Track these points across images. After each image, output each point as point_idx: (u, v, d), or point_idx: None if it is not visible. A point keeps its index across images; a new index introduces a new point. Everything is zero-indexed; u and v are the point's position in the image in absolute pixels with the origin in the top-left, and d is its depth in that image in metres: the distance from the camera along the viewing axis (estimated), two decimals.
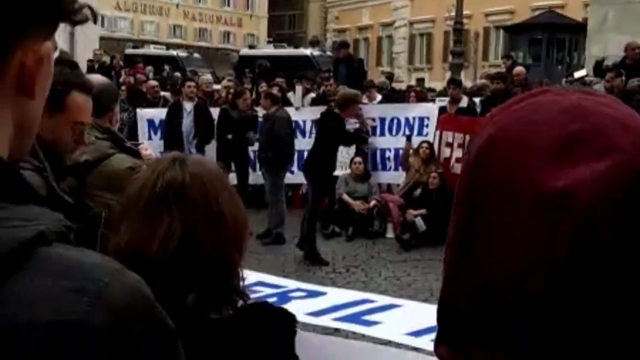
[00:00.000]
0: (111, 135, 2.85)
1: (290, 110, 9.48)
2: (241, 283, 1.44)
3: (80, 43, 19.46)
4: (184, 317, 1.32)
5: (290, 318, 1.39)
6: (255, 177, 9.44)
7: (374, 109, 10.48)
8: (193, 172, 1.44)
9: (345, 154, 9.41)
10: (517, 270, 0.66)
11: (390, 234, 8.79)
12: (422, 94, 11.73)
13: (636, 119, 0.69)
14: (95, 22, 0.79)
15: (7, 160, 0.71)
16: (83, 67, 14.67)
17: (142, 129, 10.12)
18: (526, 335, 0.67)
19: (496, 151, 0.69)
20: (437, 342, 0.75)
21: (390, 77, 16.64)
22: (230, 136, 8.78)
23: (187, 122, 9.23)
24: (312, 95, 11.44)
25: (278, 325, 1.37)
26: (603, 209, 0.63)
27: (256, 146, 9.12)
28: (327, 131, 7.61)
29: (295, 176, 10.07)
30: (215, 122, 9.07)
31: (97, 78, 3.11)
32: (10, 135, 0.72)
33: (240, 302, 1.44)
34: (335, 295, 6.51)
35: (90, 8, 0.77)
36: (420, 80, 34.52)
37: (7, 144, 0.72)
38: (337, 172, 8.72)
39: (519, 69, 12.05)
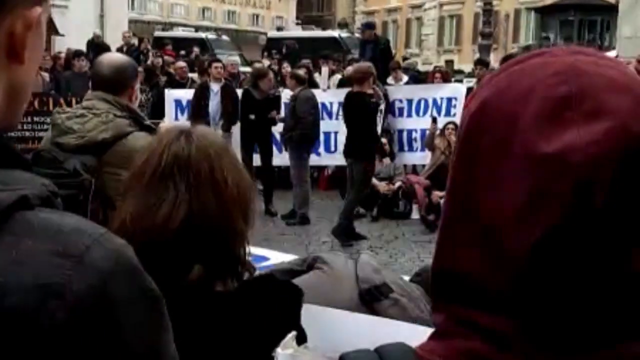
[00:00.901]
0: (130, 113, 2.85)
1: (316, 92, 9.46)
2: (247, 256, 1.45)
3: (110, 25, 19.65)
4: (188, 289, 1.34)
5: (296, 291, 1.39)
6: (281, 158, 9.44)
7: (400, 90, 10.41)
8: (198, 144, 1.44)
9: None
10: (509, 230, 0.65)
11: (415, 215, 8.76)
12: (447, 75, 11.61)
13: (636, 81, 0.67)
14: None
15: None
16: (113, 49, 14.81)
17: (169, 108, 10.21)
18: (511, 295, 0.66)
19: (490, 114, 0.69)
20: (434, 300, 0.75)
21: (405, 59, 16.44)
22: (253, 116, 8.79)
23: (214, 103, 9.26)
24: (339, 76, 11.38)
25: (283, 298, 1.38)
26: (596, 173, 0.62)
27: (280, 127, 9.12)
28: (355, 111, 7.56)
29: (321, 158, 10.07)
30: (239, 103, 9.08)
31: (115, 56, 3.12)
32: (1, 103, 0.72)
33: (247, 275, 1.45)
34: None
35: None
36: (450, 62, 34.15)
37: None
38: None
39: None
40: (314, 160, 9.80)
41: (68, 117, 2.81)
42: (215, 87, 9.27)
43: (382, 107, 9.61)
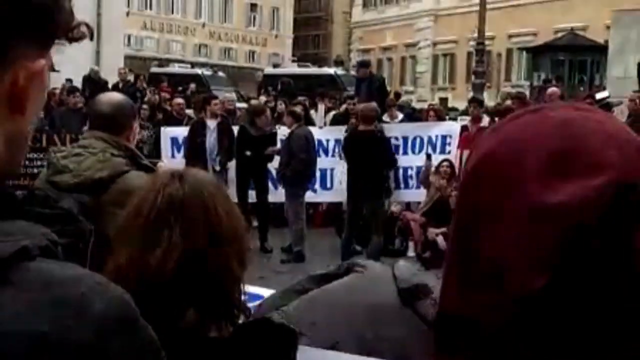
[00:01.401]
0: (128, 152, 2.85)
1: (313, 129, 9.53)
2: (242, 297, 1.45)
3: (106, 61, 19.77)
4: (183, 334, 1.33)
5: (292, 333, 1.39)
6: (276, 195, 9.46)
7: (396, 128, 10.48)
8: (192, 186, 1.44)
9: None
10: (510, 281, 0.68)
11: (411, 253, 8.74)
12: (441, 112, 11.71)
13: (627, 133, 0.71)
14: (91, 39, 0.80)
15: None
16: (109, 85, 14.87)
17: (165, 146, 10.22)
18: (516, 341, 0.68)
19: (492, 166, 0.71)
20: (437, 351, 0.76)
21: (398, 95, 16.57)
22: (249, 153, 8.82)
23: (211, 140, 9.28)
24: (334, 112, 11.46)
25: (278, 342, 1.37)
26: (594, 222, 0.65)
27: (276, 163, 9.15)
28: (371, 152, 7.55)
29: (317, 195, 10.07)
30: (235, 140, 9.12)
31: (113, 96, 3.12)
32: (0, 151, 0.72)
33: (242, 318, 1.44)
34: None
35: (87, 25, 0.77)
36: (444, 100, 34.45)
37: None
38: None
39: (552, 89, 11.97)
40: (309, 197, 9.80)
41: (64, 155, 2.81)
42: (212, 124, 9.32)
43: None
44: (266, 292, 7.03)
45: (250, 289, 5.66)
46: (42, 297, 0.64)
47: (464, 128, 10.00)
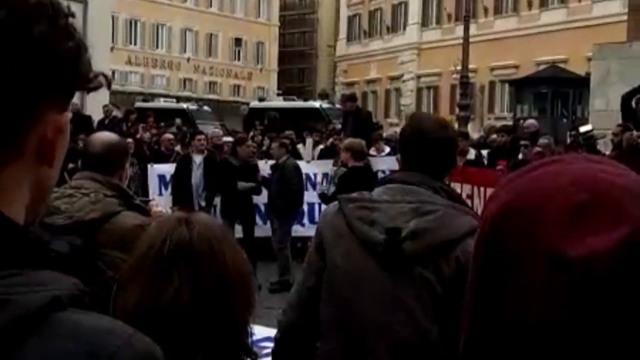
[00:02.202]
0: (120, 193, 2.84)
1: (300, 163, 9.56)
2: (249, 339, 1.45)
3: (90, 97, 19.76)
4: None
5: None
6: (264, 229, 9.44)
7: (383, 161, 10.52)
8: (200, 231, 1.45)
9: None
10: (533, 334, 0.69)
11: None
12: None
13: None
14: (109, 88, 0.83)
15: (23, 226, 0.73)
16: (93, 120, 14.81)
17: (153, 184, 10.10)
18: None
19: (512, 218, 0.73)
20: None
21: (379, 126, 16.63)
22: (243, 184, 8.77)
23: (197, 175, 9.26)
24: (321, 146, 11.51)
25: None
26: (619, 276, 0.67)
27: (263, 198, 9.16)
28: (366, 188, 7.48)
29: (305, 229, 10.05)
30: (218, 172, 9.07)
31: (106, 136, 3.10)
32: (26, 202, 0.74)
33: None
34: None
35: (105, 76, 0.80)
36: None
37: (24, 211, 0.74)
38: None
39: (530, 121, 12.10)
40: (298, 231, 9.79)
41: (56, 197, 2.77)
42: (197, 159, 9.32)
43: None
44: (257, 329, 6.95)
45: None
46: (75, 348, 0.65)
47: None
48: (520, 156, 9.07)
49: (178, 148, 11.15)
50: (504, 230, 0.73)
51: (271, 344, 6.76)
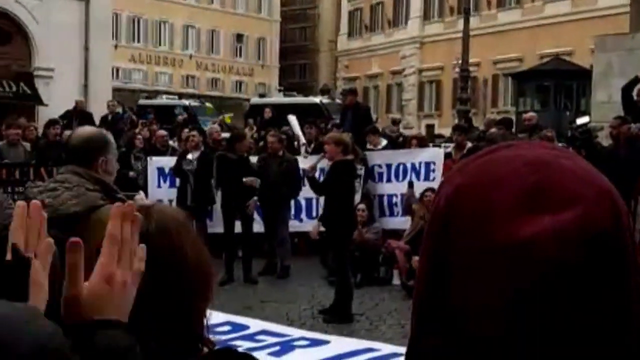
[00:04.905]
0: (102, 186, 2.87)
1: (299, 158, 9.60)
2: (205, 329, 1.45)
3: (94, 95, 19.82)
4: None
5: None
6: (260, 225, 9.48)
7: (379, 155, 10.52)
8: (158, 221, 1.43)
9: None
10: (481, 315, 0.69)
11: (396, 281, 8.73)
12: (423, 140, 11.78)
13: (595, 173, 0.73)
14: None
15: None
16: (97, 118, 14.88)
17: (152, 176, 10.32)
18: None
19: (463, 201, 0.73)
20: None
21: (396, 122, 16.70)
22: (250, 179, 8.81)
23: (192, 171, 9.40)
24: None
25: None
26: (565, 256, 0.67)
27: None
28: (342, 179, 7.44)
29: (303, 224, 10.08)
30: (215, 167, 9.10)
31: (84, 129, 3.14)
32: None
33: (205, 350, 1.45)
34: (339, 343, 6.41)
35: None
36: (430, 127, 34.71)
37: None
38: None
39: (530, 114, 12.07)
40: (295, 226, 9.82)
41: (40, 190, 2.82)
42: (192, 156, 9.40)
43: (362, 172, 9.70)
44: (252, 322, 6.85)
45: (237, 319, 5.59)
46: None
47: (447, 155, 10.04)
48: None
49: (174, 144, 11.18)
50: (455, 212, 0.73)
51: (267, 337, 6.72)
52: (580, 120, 9.56)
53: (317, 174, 8.48)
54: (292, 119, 11.87)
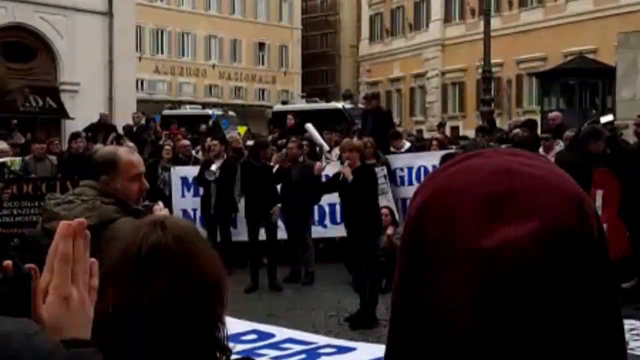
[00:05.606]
0: (117, 200, 2.92)
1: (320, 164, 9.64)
2: (223, 336, 1.48)
3: (119, 107, 20.08)
4: None
5: None
6: (284, 232, 9.51)
7: (400, 159, 10.50)
8: (175, 234, 1.50)
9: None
10: (452, 320, 0.70)
11: None
12: (444, 142, 11.73)
13: (564, 179, 0.73)
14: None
15: None
16: (120, 130, 15.06)
17: (176, 186, 10.42)
18: None
19: (433, 210, 0.74)
20: None
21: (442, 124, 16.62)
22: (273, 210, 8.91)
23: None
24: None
25: None
26: (528, 267, 0.67)
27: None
28: (366, 184, 7.45)
29: (327, 230, 10.08)
30: (239, 174, 9.14)
31: (105, 148, 3.23)
32: None
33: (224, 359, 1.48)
34: (366, 350, 6.40)
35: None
36: (455, 129, 34.50)
37: None
38: None
39: (554, 113, 11.96)
40: (319, 232, 9.82)
41: (57, 203, 2.88)
42: (215, 165, 9.47)
43: (384, 171, 9.69)
44: (278, 330, 6.84)
45: (263, 327, 5.59)
46: None
47: None
48: (540, 150, 8.95)
49: (197, 154, 11.26)
50: (426, 222, 0.74)
51: (293, 345, 6.69)
52: (605, 119, 9.44)
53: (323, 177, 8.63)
54: (310, 127, 11.87)
